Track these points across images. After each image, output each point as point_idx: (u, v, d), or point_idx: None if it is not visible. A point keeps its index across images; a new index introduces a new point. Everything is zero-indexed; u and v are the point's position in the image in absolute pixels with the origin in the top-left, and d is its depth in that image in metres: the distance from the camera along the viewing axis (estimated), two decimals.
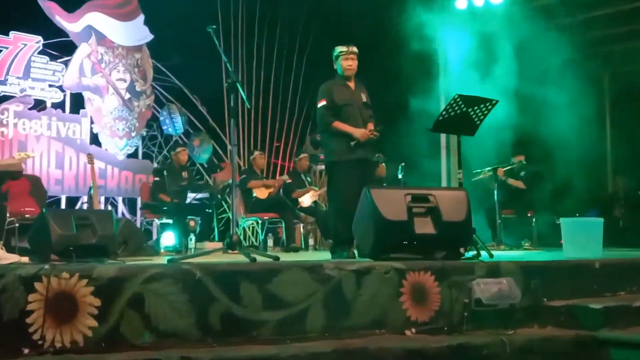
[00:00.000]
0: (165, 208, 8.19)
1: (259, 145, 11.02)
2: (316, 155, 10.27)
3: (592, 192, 10.19)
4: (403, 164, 8.47)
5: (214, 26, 4.54)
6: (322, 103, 5.49)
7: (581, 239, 5.09)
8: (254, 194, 8.70)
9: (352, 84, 5.60)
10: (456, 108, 5.38)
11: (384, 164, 9.06)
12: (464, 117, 5.42)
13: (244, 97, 4.46)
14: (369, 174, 5.54)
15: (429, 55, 9.58)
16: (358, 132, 5.36)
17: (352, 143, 5.32)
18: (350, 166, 5.39)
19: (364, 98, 5.60)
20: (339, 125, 5.42)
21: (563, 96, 8.91)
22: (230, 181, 7.94)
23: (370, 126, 5.46)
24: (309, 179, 9.49)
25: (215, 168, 8.89)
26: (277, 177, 9.73)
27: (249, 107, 4.21)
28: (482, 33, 9.38)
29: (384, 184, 8.66)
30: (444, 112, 5.40)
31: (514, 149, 8.89)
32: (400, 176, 8.48)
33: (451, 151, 10.03)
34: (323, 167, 10.28)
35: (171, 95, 10.59)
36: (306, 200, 8.96)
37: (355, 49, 5.56)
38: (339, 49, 5.53)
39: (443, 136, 10.07)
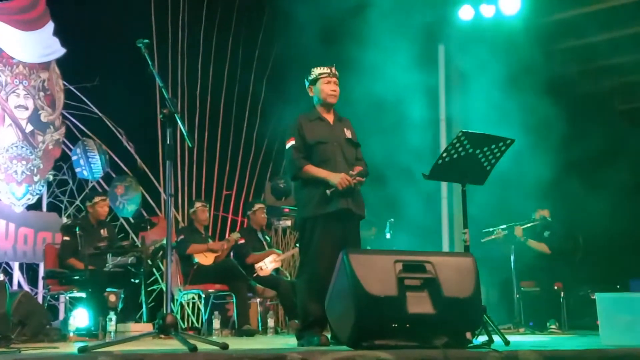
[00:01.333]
0: (76, 277, 8.05)
1: (202, 195, 11.01)
2: (278, 207, 10.29)
3: (638, 256, 10.31)
4: (392, 220, 8.48)
5: (146, 40, 4.62)
6: (290, 143, 5.57)
7: (623, 320, 5.12)
8: (196, 260, 8.69)
9: (330, 117, 5.72)
10: (460, 149, 5.51)
11: (374, 228, 9.10)
12: (470, 160, 5.57)
13: (185, 132, 4.48)
14: (354, 233, 5.54)
15: (426, 75, 9.89)
16: (335, 177, 5.41)
17: (329, 191, 5.39)
18: (328, 222, 5.43)
19: (348, 134, 5.70)
20: (311, 169, 5.48)
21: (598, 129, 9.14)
22: (165, 242, 7.86)
23: (357, 169, 5.54)
24: (268, 238, 9.51)
25: (145, 224, 8.74)
26: (227, 236, 9.67)
27: (190, 145, 4.21)
28: (496, 48, 9.73)
29: (367, 247, 8.64)
30: (444, 154, 5.54)
31: (535, 201, 8.97)
32: (388, 235, 8.47)
33: (454, 204, 10.14)
34: (288, 223, 10.32)
35: (88, 128, 10.54)
36: (265, 267, 8.95)
37: (336, 72, 5.70)
38: (318, 70, 5.65)
39: (444, 185, 10.18)
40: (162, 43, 10.85)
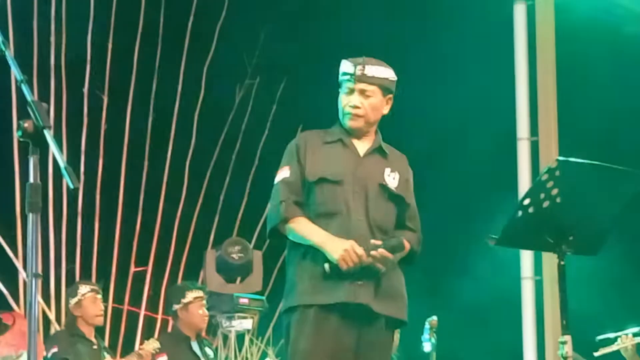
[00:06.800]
0: None
1: (93, 273, 8.78)
2: (229, 296, 8.36)
3: None
4: (434, 318, 7.12)
5: None
6: (280, 175, 4.49)
7: None
8: None
9: (362, 145, 4.53)
10: (553, 193, 4.32)
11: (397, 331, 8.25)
12: (573, 212, 4.35)
13: (62, 163, 3.12)
14: (370, 342, 4.40)
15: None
16: (336, 246, 4.30)
17: (327, 267, 4.26)
18: (329, 321, 4.29)
19: (390, 179, 4.51)
20: (301, 225, 4.37)
21: None
22: (21, 358, 6.62)
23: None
24: (209, 352, 7.82)
25: None
26: (138, 347, 8.05)
27: (72, 186, 2.91)
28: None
29: None
30: (526, 202, 4.36)
31: None
32: (427, 346, 7.30)
33: (545, 289, 8.53)
34: (248, 324, 8.40)
35: None
36: None
37: (370, 72, 4.41)
38: (344, 67, 4.43)
39: (526, 256, 8.57)
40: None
